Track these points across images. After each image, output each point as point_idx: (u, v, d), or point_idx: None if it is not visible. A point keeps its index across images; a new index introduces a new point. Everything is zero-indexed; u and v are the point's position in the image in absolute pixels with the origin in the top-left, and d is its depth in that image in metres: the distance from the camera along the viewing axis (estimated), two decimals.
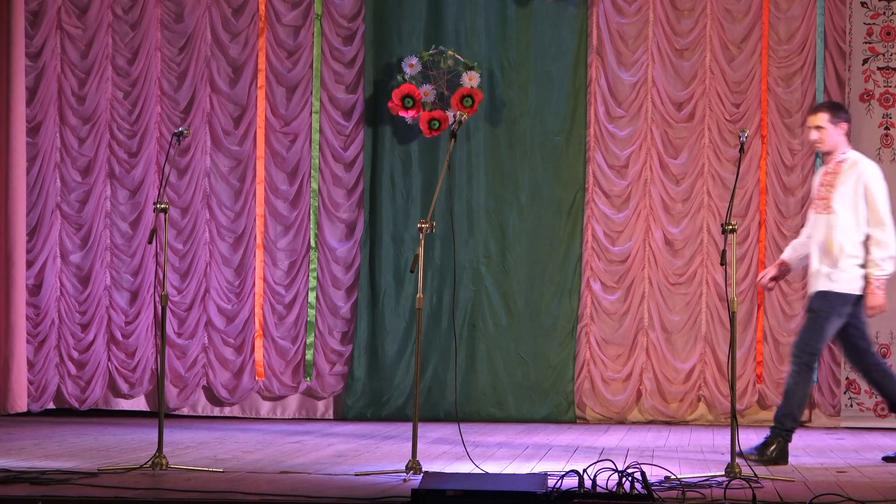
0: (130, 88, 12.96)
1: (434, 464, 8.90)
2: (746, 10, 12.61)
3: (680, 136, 12.69)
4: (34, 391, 12.84)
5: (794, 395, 9.28)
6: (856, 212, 9.22)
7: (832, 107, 9.45)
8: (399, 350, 12.75)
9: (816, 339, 9.27)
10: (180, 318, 12.90)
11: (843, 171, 9.29)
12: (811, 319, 9.26)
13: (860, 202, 9.23)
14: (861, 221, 9.22)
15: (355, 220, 12.86)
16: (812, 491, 7.58)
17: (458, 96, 12.54)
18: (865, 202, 9.23)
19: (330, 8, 12.88)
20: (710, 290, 12.59)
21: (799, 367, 9.27)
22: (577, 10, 12.72)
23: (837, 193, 9.25)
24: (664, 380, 12.57)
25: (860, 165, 9.31)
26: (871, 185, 9.25)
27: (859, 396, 12.21)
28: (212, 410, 12.92)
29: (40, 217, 12.90)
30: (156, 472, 8.40)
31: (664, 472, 8.09)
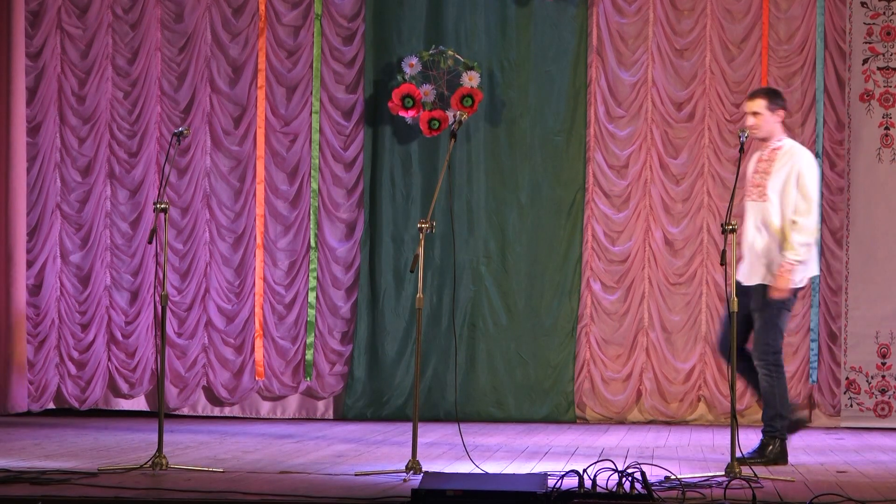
0: (130, 88, 12.96)
1: (434, 464, 8.90)
2: (746, 10, 12.61)
3: (680, 136, 12.69)
4: (34, 391, 12.84)
5: (774, 396, 9.18)
6: (789, 199, 9.12)
7: (770, 93, 9.34)
8: (399, 350, 12.75)
9: (775, 337, 9.14)
10: (180, 318, 12.90)
11: (778, 159, 9.18)
12: (766, 319, 9.10)
13: (792, 189, 9.12)
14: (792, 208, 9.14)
15: (355, 220, 12.86)
16: (812, 491, 7.58)
17: (458, 96, 12.54)
18: (797, 189, 9.10)
19: (330, 8, 12.88)
20: (710, 290, 12.59)
21: (768, 369, 9.15)
22: (577, 10, 12.72)
23: (773, 181, 9.14)
24: (664, 380, 12.57)
25: (795, 153, 9.20)
26: (804, 172, 9.13)
27: (859, 396, 12.22)
28: (212, 410, 12.92)
29: (40, 217, 12.90)
30: (156, 472, 8.40)
31: (664, 472, 8.09)
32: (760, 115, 9.22)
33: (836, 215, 12.45)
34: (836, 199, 12.46)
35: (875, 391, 12.21)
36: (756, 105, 9.24)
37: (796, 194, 9.11)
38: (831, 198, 12.48)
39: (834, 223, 12.46)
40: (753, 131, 9.26)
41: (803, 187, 9.11)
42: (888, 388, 12.21)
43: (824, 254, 12.44)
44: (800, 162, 9.17)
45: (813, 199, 9.11)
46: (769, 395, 9.18)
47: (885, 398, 12.20)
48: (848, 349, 12.27)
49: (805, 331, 12.49)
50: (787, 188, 9.10)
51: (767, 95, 9.29)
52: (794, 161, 9.17)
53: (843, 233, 12.37)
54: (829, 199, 12.49)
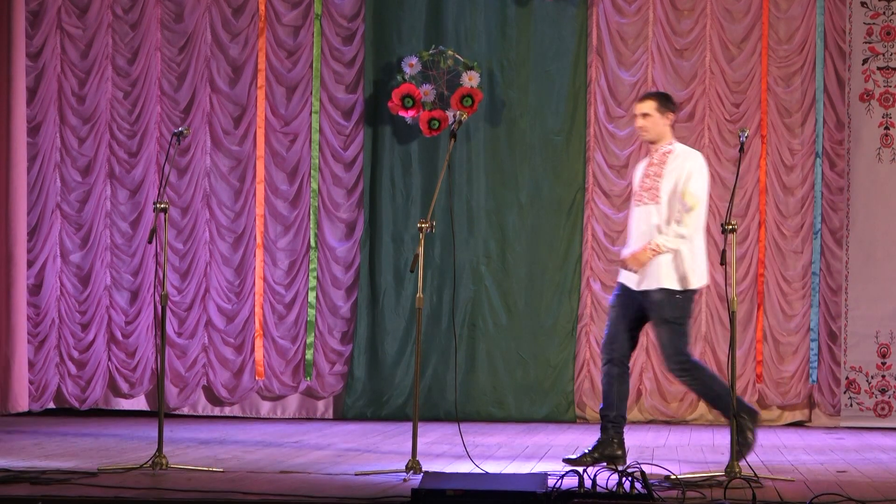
0: (130, 88, 12.96)
1: (434, 463, 8.90)
2: (746, 9, 12.62)
3: (680, 136, 12.59)
4: (34, 391, 12.84)
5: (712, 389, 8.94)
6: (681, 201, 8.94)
7: (661, 96, 9.21)
8: (399, 350, 12.75)
9: (684, 344, 8.98)
10: (180, 317, 12.91)
11: (669, 162, 9.01)
12: (671, 330, 8.93)
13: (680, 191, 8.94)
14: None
15: (355, 219, 12.87)
16: (812, 490, 7.58)
17: (458, 96, 12.55)
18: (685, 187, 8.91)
19: (330, 8, 12.89)
20: (710, 289, 12.58)
21: (688, 373, 8.95)
22: (577, 9, 12.72)
23: (664, 183, 8.96)
24: (664, 379, 12.57)
25: (687, 156, 9.05)
26: (693, 174, 8.94)
27: (859, 396, 12.22)
28: (212, 410, 12.93)
29: (40, 217, 12.90)
30: (156, 472, 8.40)
31: (664, 471, 8.09)
32: (650, 116, 9.05)
33: (835, 215, 12.45)
34: (836, 198, 12.46)
35: (875, 391, 12.21)
36: (646, 107, 9.09)
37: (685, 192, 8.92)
38: (831, 198, 12.49)
39: (834, 223, 12.46)
40: (642, 133, 9.13)
41: (690, 187, 8.91)
42: (888, 388, 12.22)
43: (824, 253, 12.46)
44: (691, 164, 9.00)
45: (699, 200, 8.91)
46: (710, 395, 8.96)
47: (885, 398, 12.21)
48: (848, 349, 12.28)
49: (805, 330, 12.49)
50: (678, 190, 8.95)
51: (658, 98, 9.16)
52: (685, 164, 9.00)
53: (843, 233, 12.37)
54: (829, 199, 12.49)
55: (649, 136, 9.12)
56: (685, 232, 8.88)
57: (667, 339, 8.97)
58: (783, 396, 12.47)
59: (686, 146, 9.24)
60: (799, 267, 12.52)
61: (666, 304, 8.91)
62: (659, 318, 8.95)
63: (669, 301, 8.91)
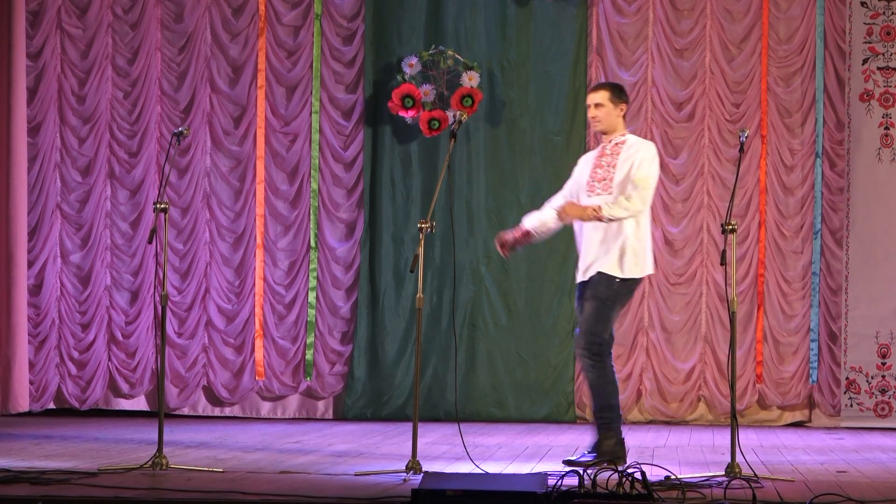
0: (130, 88, 12.96)
1: (434, 464, 8.90)
2: (746, 10, 12.62)
3: (680, 136, 12.69)
4: (35, 391, 12.84)
5: (604, 387, 8.88)
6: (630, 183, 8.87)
7: (614, 86, 9.14)
8: (399, 350, 12.76)
9: (604, 327, 8.87)
10: (180, 318, 12.91)
11: (622, 152, 8.94)
12: (597, 308, 8.84)
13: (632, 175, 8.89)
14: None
15: (355, 220, 12.87)
16: (812, 491, 7.58)
17: (458, 96, 12.55)
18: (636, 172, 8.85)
19: (330, 8, 12.89)
20: (710, 290, 12.59)
21: (592, 359, 8.86)
22: (577, 10, 12.72)
23: (618, 174, 8.89)
24: (664, 380, 12.57)
25: (641, 146, 8.98)
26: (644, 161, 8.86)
27: (859, 396, 12.22)
28: (212, 410, 12.93)
29: (41, 217, 12.90)
30: (156, 472, 8.40)
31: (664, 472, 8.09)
32: (603, 106, 8.99)
33: (835, 215, 12.46)
34: (836, 198, 12.46)
35: (875, 391, 12.21)
36: (599, 97, 9.03)
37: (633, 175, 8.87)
38: (831, 198, 12.49)
39: (834, 223, 12.46)
40: (595, 123, 9.07)
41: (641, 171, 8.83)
42: (888, 388, 12.22)
43: (824, 253, 12.46)
44: (643, 153, 8.92)
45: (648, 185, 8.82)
46: (597, 386, 8.88)
47: (885, 398, 12.21)
48: (848, 349, 12.28)
49: (805, 331, 12.49)
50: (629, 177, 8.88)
51: (611, 88, 9.11)
52: (638, 153, 8.92)
53: (843, 233, 12.37)
54: (828, 199, 12.50)
55: (601, 125, 9.04)
56: (630, 206, 8.79)
57: (590, 315, 8.87)
58: (783, 397, 12.47)
59: (639, 137, 9.19)
60: (799, 267, 12.52)
61: (602, 286, 8.86)
62: (591, 295, 8.89)
63: (607, 284, 8.85)
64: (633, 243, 8.89)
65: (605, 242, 8.90)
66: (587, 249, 8.99)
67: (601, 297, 8.87)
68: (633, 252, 8.89)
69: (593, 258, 8.93)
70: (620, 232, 8.88)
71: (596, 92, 9.09)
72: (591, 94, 9.12)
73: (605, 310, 8.87)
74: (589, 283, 8.94)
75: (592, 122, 9.11)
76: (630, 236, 8.88)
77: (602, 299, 8.86)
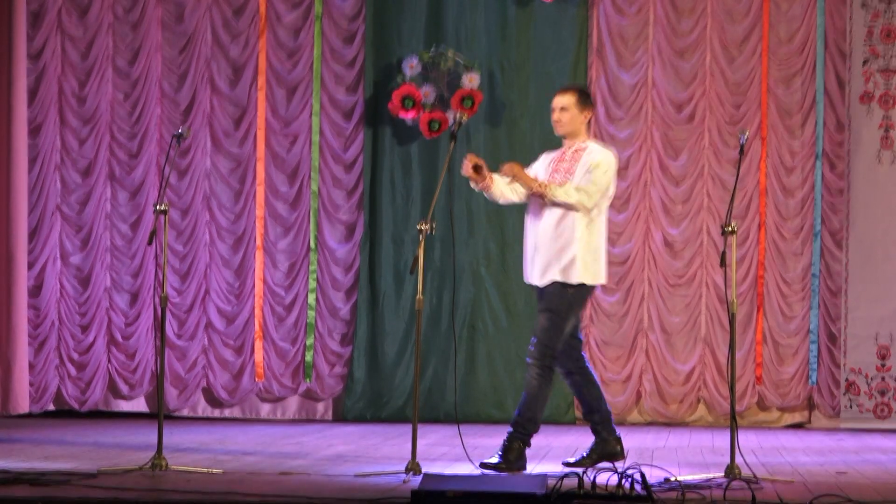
0: (131, 90, 12.96)
1: (434, 465, 8.90)
2: (746, 11, 12.62)
3: (680, 138, 12.69)
4: (34, 392, 12.84)
5: (538, 399, 8.79)
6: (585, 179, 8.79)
7: (581, 91, 8.97)
8: (399, 351, 12.76)
9: (558, 339, 8.78)
10: (180, 319, 12.91)
11: (582, 158, 8.82)
12: (551, 320, 8.75)
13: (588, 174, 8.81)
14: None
15: (355, 221, 12.87)
16: (812, 492, 7.58)
17: (459, 97, 12.55)
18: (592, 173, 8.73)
19: (330, 9, 12.89)
20: (710, 291, 12.59)
21: (542, 369, 8.75)
22: (578, 10, 12.73)
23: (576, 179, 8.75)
24: (664, 381, 12.57)
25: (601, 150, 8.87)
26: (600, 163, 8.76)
27: (859, 398, 12.22)
28: (212, 412, 12.93)
29: (41, 218, 12.90)
30: (155, 474, 8.40)
31: (664, 473, 8.10)
32: (567, 111, 8.84)
33: (835, 217, 12.46)
34: (836, 200, 12.46)
35: (875, 392, 12.21)
36: (566, 100, 8.86)
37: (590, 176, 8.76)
38: (831, 199, 12.49)
39: (833, 224, 12.46)
40: (558, 126, 8.89)
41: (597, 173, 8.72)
42: (888, 390, 12.22)
43: (824, 255, 12.46)
44: (602, 157, 8.81)
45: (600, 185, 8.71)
46: (536, 397, 8.77)
47: (885, 399, 12.21)
48: (847, 350, 12.28)
49: (805, 332, 12.49)
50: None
51: (579, 93, 8.93)
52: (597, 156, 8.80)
53: (843, 234, 12.38)
54: (828, 201, 12.50)
55: (564, 129, 8.89)
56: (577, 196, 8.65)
57: (546, 327, 8.78)
58: (783, 398, 12.47)
59: (600, 145, 9.06)
60: (799, 269, 12.52)
61: (556, 296, 8.76)
62: (545, 307, 8.81)
63: (560, 294, 8.75)
64: (584, 251, 8.77)
65: (558, 250, 8.78)
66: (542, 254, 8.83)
67: (554, 309, 8.76)
68: (583, 260, 8.76)
69: (546, 264, 8.80)
70: (573, 239, 8.76)
71: (563, 95, 8.92)
72: (557, 97, 8.93)
73: (559, 321, 8.77)
74: (543, 294, 8.84)
75: (556, 125, 8.92)
76: (582, 243, 8.76)
77: (555, 311, 8.76)
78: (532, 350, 8.81)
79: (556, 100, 8.93)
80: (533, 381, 8.79)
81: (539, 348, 8.77)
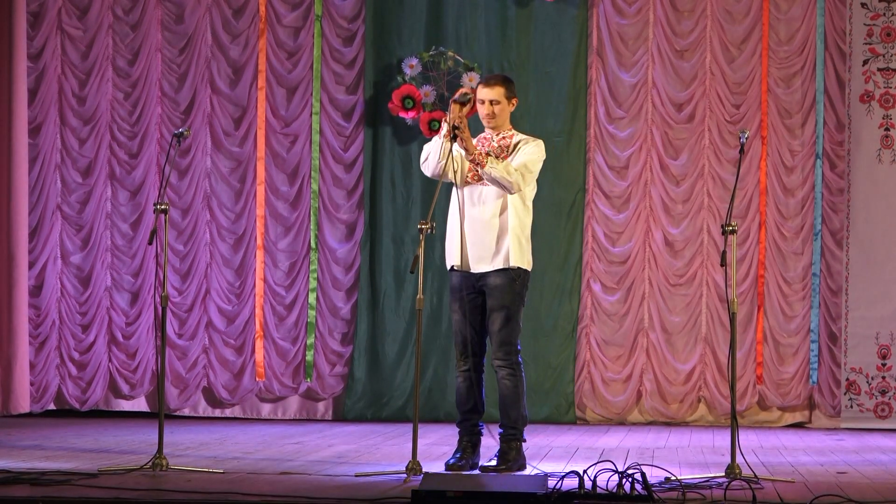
0: (131, 89, 12.96)
1: (434, 465, 8.90)
2: (746, 11, 12.62)
3: (680, 137, 12.69)
4: (35, 392, 12.84)
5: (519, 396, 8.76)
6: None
7: (507, 81, 8.84)
8: (399, 351, 12.76)
9: (517, 332, 8.73)
10: (181, 319, 12.91)
11: (512, 144, 8.73)
12: (506, 316, 8.64)
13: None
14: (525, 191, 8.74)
15: (355, 221, 12.87)
16: (812, 492, 7.58)
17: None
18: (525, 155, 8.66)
19: (330, 9, 12.89)
20: (711, 291, 12.59)
21: (512, 368, 8.72)
22: (578, 11, 12.72)
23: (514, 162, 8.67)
24: (664, 381, 12.57)
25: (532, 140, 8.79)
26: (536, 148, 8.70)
27: (859, 397, 12.22)
28: (212, 411, 12.93)
29: (41, 218, 12.90)
30: (156, 473, 8.40)
31: (664, 472, 8.10)
32: (500, 103, 8.77)
33: (836, 216, 12.46)
34: (837, 200, 12.47)
35: (875, 392, 12.21)
36: (496, 93, 8.75)
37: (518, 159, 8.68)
38: (831, 199, 12.49)
39: (834, 224, 12.47)
40: (490, 120, 8.78)
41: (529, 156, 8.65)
42: (888, 389, 12.22)
43: (824, 255, 12.46)
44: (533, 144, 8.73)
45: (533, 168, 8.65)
46: (514, 397, 8.75)
47: (885, 399, 12.21)
48: (848, 350, 12.28)
49: (805, 332, 12.50)
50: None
51: (506, 84, 8.82)
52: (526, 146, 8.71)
53: (843, 234, 12.38)
54: (829, 200, 12.50)
55: (496, 122, 8.81)
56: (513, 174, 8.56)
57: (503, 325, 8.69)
58: (783, 398, 12.47)
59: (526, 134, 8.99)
60: (799, 268, 12.53)
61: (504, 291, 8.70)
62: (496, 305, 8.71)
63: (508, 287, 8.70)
64: (520, 236, 8.72)
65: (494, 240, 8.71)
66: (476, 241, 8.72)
67: (508, 304, 8.68)
68: (519, 244, 8.71)
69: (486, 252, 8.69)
70: (506, 228, 8.70)
71: (492, 88, 8.78)
72: (485, 89, 8.79)
73: (514, 313, 8.69)
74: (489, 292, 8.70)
75: (486, 119, 8.79)
76: (516, 229, 8.70)
77: (508, 305, 8.68)
78: (497, 352, 8.69)
79: (485, 92, 8.78)
80: (506, 382, 8.75)
81: (504, 348, 8.68)
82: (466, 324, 8.76)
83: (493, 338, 8.72)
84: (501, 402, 8.83)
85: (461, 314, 8.77)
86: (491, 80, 8.87)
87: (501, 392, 8.79)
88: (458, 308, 8.78)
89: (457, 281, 8.82)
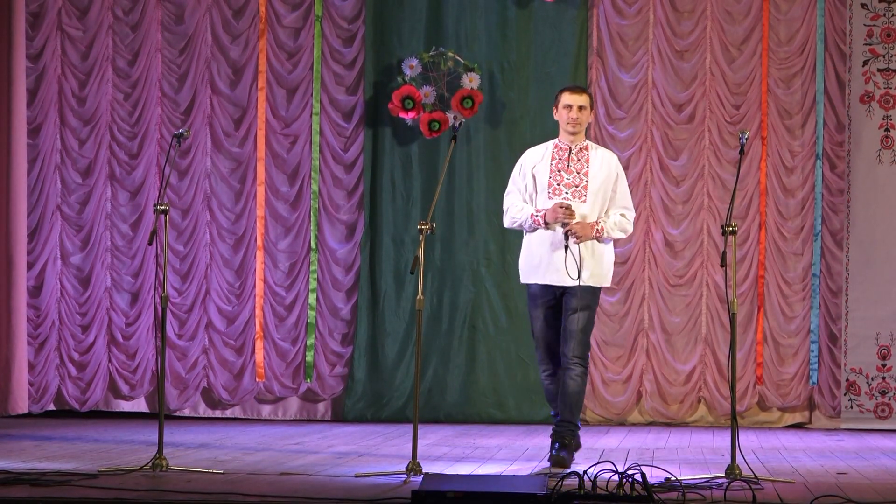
0: (131, 90, 12.96)
1: (434, 465, 8.90)
2: (746, 11, 12.62)
3: (680, 138, 12.69)
4: (34, 393, 12.84)
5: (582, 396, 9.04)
6: (605, 200, 9.01)
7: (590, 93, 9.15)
8: (399, 351, 12.76)
9: (590, 336, 9.11)
10: (181, 319, 12.91)
11: (591, 160, 9.02)
12: (588, 318, 8.99)
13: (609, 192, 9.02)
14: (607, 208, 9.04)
15: (355, 221, 12.87)
16: (812, 492, 7.58)
17: (459, 98, 12.55)
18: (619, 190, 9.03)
19: (330, 10, 12.89)
20: (711, 291, 12.59)
21: (585, 368, 9.01)
22: (578, 11, 12.72)
23: (593, 183, 8.97)
24: (664, 381, 12.57)
25: (613, 158, 9.11)
26: (622, 176, 9.07)
27: (859, 398, 12.22)
28: (212, 412, 12.93)
29: (41, 218, 12.90)
30: (156, 474, 8.40)
31: (664, 473, 8.10)
32: (586, 109, 9.06)
33: (836, 217, 12.46)
34: (836, 200, 12.46)
35: (875, 393, 12.21)
36: (584, 99, 9.05)
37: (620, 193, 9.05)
38: (831, 199, 12.49)
39: (834, 224, 12.47)
40: (575, 126, 9.03)
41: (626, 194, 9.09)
42: (888, 390, 12.22)
43: (825, 255, 12.46)
44: (618, 168, 9.09)
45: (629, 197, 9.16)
46: (579, 394, 9.02)
47: (886, 400, 12.21)
48: (848, 351, 12.28)
49: (805, 332, 12.49)
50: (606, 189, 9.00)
51: (589, 94, 9.20)
52: (612, 164, 9.06)
53: (843, 234, 12.38)
54: (829, 201, 12.50)
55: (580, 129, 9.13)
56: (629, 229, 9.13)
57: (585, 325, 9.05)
58: (783, 398, 12.47)
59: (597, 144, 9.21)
60: (799, 269, 12.53)
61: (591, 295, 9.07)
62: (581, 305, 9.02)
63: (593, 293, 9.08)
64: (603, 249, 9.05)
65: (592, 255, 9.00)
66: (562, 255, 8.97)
67: (592, 307, 9.05)
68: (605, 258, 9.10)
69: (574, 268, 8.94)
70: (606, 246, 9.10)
71: (581, 94, 9.09)
72: (575, 96, 9.07)
73: (593, 317, 9.09)
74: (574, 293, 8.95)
75: (573, 123, 9.04)
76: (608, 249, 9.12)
77: (593, 308, 9.05)
78: (575, 352, 8.94)
79: (575, 98, 9.07)
80: (578, 380, 8.99)
81: (581, 348, 8.96)
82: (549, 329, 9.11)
83: (576, 336, 8.97)
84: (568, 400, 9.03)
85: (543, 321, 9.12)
86: (576, 88, 9.23)
87: (572, 389, 9.00)
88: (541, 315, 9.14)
89: (537, 290, 9.13)
